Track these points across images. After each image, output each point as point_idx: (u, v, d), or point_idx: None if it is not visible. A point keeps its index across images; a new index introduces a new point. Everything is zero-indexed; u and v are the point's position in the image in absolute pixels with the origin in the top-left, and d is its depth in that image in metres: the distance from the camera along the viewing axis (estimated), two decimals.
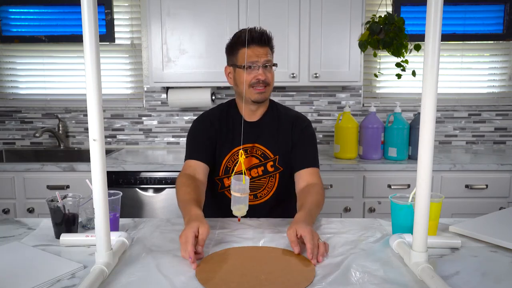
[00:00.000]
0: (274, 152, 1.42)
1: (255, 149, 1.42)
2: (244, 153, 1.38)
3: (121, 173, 2.10)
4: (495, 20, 2.63)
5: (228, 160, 1.43)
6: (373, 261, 0.95)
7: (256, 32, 1.34)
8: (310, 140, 1.46)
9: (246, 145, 1.42)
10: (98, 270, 0.84)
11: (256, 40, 1.34)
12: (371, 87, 2.69)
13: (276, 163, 1.42)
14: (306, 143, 1.44)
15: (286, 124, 1.45)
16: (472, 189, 2.11)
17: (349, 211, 2.13)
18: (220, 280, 0.86)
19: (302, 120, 1.48)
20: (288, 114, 1.48)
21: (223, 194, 1.46)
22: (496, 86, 2.70)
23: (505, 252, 1.01)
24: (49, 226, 1.15)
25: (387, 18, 1.90)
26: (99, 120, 0.83)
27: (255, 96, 1.36)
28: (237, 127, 1.42)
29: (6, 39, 2.64)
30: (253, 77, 1.34)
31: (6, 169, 2.10)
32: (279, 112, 1.48)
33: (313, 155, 1.44)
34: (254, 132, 1.42)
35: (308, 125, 1.48)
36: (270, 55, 1.37)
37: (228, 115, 1.46)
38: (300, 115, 1.50)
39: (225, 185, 1.45)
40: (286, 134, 1.44)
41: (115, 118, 2.69)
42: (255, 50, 1.34)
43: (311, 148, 1.45)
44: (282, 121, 1.46)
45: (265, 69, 1.35)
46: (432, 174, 0.85)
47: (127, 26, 2.64)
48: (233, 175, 1.06)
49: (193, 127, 1.48)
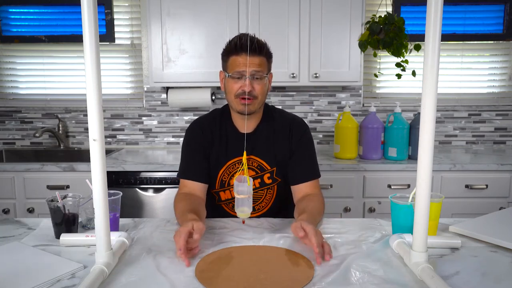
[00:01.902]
0: (270, 163, 1.37)
1: (251, 161, 1.37)
2: (239, 165, 1.35)
3: (121, 173, 2.10)
4: (495, 20, 2.63)
5: (223, 173, 1.38)
6: (373, 261, 0.95)
7: (247, 40, 1.24)
8: (308, 147, 1.40)
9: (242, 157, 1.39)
10: (98, 270, 0.84)
11: (246, 48, 1.24)
12: (371, 87, 2.69)
13: (273, 175, 1.38)
14: (305, 152, 1.39)
15: (282, 132, 1.39)
16: (472, 189, 2.11)
17: (349, 211, 2.13)
18: (219, 278, 0.86)
19: (299, 125, 1.41)
20: (284, 121, 1.41)
21: (221, 207, 1.43)
22: (496, 86, 2.70)
23: (505, 252, 1.01)
24: (49, 226, 1.15)
25: (387, 18, 1.90)
26: (99, 120, 0.83)
27: (239, 107, 1.29)
28: (230, 138, 1.38)
29: (6, 39, 2.64)
30: (239, 87, 1.28)
31: (6, 169, 2.10)
32: (275, 121, 1.41)
33: (312, 165, 1.39)
34: (249, 144, 1.33)
35: (305, 130, 1.41)
36: (262, 66, 1.28)
37: (221, 125, 1.39)
38: (297, 119, 1.44)
39: (221, 198, 1.41)
40: (283, 143, 1.38)
41: (115, 118, 2.69)
42: (244, 59, 1.25)
43: (309, 157, 1.39)
44: (278, 130, 1.39)
45: (253, 80, 1.27)
46: (432, 174, 0.85)
47: (127, 26, 2.64)
48: (236, 176, 1.04)
49: (186, 138, 1.42)
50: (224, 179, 1.38)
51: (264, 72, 1.30)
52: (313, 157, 1.41)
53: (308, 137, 1.41)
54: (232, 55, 1.28)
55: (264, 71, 1.30)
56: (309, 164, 1.38)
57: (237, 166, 1.37)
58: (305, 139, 1.40)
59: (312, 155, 1.41)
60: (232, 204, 1.40)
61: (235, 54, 1.28)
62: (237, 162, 1.37)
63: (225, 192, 1.40)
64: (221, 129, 1.39)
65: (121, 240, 1.00)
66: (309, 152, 1.40)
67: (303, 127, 1.42)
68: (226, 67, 1.32)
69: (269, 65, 1.34)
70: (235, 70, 1.27)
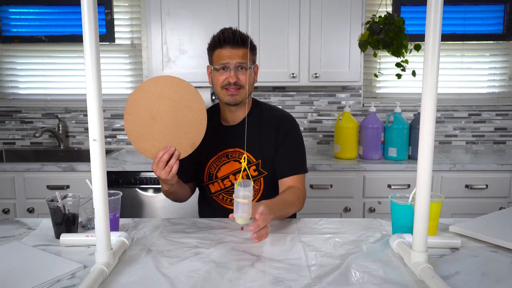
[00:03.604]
0: (256, 156, 1.38)
1: (237, 153, 1.39)
2: (225, 158, 1.38)
3: (121, 173, 2.10)
4: (495, 20, 2.63)
5: (210, 166, 1.41)
6: (373, 261, 0.95)
7: (229, 33, 1.30)
8: (296, 143, 1.41)
9: (227, 150, 1.39)
10: (98, 270, 0.84)
11: (229, 41, 1.29)
12: (371, 87, 2.69)
13: (259, 167, 1.39)
14: (291, 147, 1.40)
15: (269, 126, 1.40)
16: (472, 189, 2.11)
17: (349, 211, 2.13)
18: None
19: (287, 121, 1.42)
20: (272, 115, 1.43)
21: (212, 199, 1.44)
22: (496, 86, 2.70)
23: (505, 252, 1.01)
24: (49, 226, 1.15)
25: (387, 18, 1.90)
26: (99, 120, 0.84)
27: (226, 98, 1.34)
28: (216, 132, 1.40)
29: (6, 39, 2.64)
30: (224, 79, 1.32)
31: (6, 169, 2.10)
32: (262, 114, 1.43)
33: (299, 160, 1.41)
34: (235, 136, 1.38)
35: (293, 126, 1.42)
36: (246, 57, 1.32)
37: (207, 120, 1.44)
38: (286, 115, 1.44)
39: (211, 191, 1.43)
40: (269, 136, 1.39)
41: (115, 118, 2.69)
42: (228, 52, 1.30)
43: (296, 152, 1.41)
44: (264, 123, 1.41)
45: (238, 71, 1.31)
46: (432, 174, 0.85)
47: (127, 26, 2.64)
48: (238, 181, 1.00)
49: None
50: (212, 172, 1.41)
51: (249, 64, 1.33)
52: (301, 152, 1.43)
53: (296, 133, 1.42)
54: (216, 48, 1.33)
55: (250, 62, 1.33)
56: (295, 159, 1.40)
57: (223, 160, 1.40)
58: (292, 134, 1.41)
59: (299, 150, 1.42)
60: (222, 195, 1.42)
61: (219, 48, 1.32)
62: (223, 156, 1.40)
63: (213, 184, 1.42)
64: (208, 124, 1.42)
65: (121, 240, 1.00)
66: (296, 147, 1.42)
67: (291, 123, 1.43)
68: (211, 61, 1.37)
69: (254, 57, 1.38)
70: (220, 62, 1.31)
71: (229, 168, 1.39)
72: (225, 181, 1.40)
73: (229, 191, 1.40)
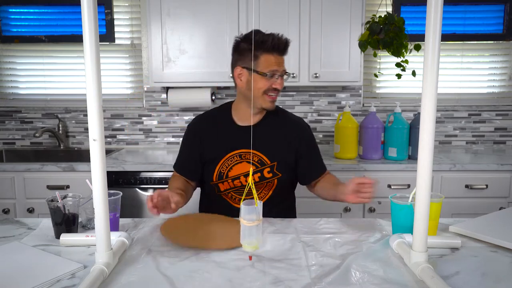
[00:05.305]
0: (271, 158, 1.39)
1: (252, 155, 1.39)
2: (238, 158, 1.39)
3: (121, 173, 2.10)
4: (495, 20, 2.63)
5: (221, 165, 1.40)
6: (373, 261, 0.95)
7: (281, 40, 1.32)
8: (315, 147, 1.49)
9: (241, 151, 1.39)
10: (98, 270, 0.84)
11: (279, 49, 1.32)
12: (371, 87, 2.69)
13: (274, 169, 1.40)
14: (313, 152, 1.48)
15: (286, 131, 1.43)
16: (472, 189, 2.11)
17: (349, 211, 2.13)
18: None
19: (304, 128, 1.49)
20: (288, 120, 1.47)
21: (221, 197, 1.45)
22: (496, 86, 2.70)
23: (505, 252, 1.01)
24: (49, 226, 1.15)
25: (387, 18, 1.90)
26: (99, 120, 0.84)
27: (267, 104, 1.36)
28: (228, 132, 1.41)
29: (6, 39, 2.64)
30: (270, 85, 1.33)
31: (6, 169, 2.10)
32: (278, 117, 1.46)
33: (320, 161, 1.49)
34: (249, 137, 1.36)
35: (309, 132, 1.50)
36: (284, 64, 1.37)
37: (219, 120, 1.45)
38: (300, 121, 1.51)
39: (220, 189, 1.43)
40: (286, 140, 1.42)
41: (115, 118, 2.69)
42: (276, 58, 1.32)
43: (317, 155, 1.49)
44: (281, 127, 1.44)
45: (281, 78, 1.35)
46: (432, 174, 0.85)
47: (127, 26, 2.64)
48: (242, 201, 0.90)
49: (186, 134, 1.50)
50: (223, 171, 1.41)
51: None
52: (319, 153, 1.51)
53: (312, 138, 1.50)
54: (264, 53, 1.32)
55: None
56: (318, 160, 1.49)
57: (235, 159, 1.40)
58: (311, 140, 1.48)
59: (318, 151, 1.51)
60: (231, 194, 1.43)
61: (266, 53, 1.32)
62: (236, 155, 1.40)
63: (223, 183, 1.42)
64: (219, 123, 1.44)
65: (121, 240, 1.00)
66: (316, 150, 1.50)
67: (307, 128, 1.50)
68: (256, 64, 1.33)
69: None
70: (269, 69, 1.32)
71: (241, 169, 1.39)
72: (236, 182, 1.40)
73: (239, 190, 1.41)
